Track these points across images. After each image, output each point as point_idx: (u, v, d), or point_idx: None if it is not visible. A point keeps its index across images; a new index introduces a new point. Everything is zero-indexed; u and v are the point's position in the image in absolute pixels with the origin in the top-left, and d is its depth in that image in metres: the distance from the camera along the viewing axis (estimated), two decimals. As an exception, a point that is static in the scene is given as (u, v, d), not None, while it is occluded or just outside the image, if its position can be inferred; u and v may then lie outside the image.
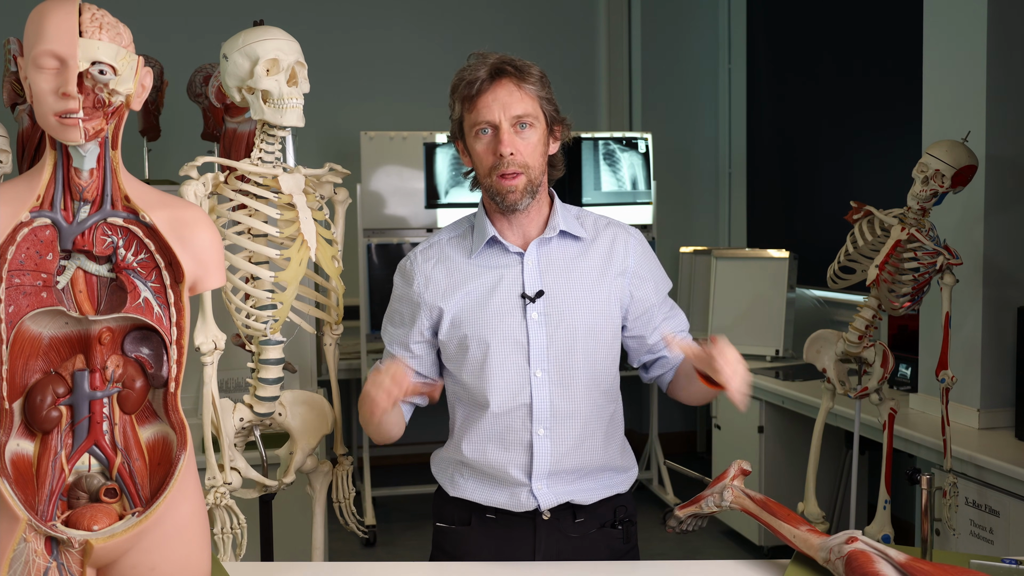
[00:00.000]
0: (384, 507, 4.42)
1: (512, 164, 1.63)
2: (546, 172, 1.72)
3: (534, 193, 1.67)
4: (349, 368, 4.32)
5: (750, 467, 1.65)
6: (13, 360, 1.22)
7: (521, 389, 1.67)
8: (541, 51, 5.37)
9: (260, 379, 1.91)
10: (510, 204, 1.65)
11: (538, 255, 1.71)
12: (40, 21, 1.17)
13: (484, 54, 1.66)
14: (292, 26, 1.99)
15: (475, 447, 1.70)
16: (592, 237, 1.74)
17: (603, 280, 1.71)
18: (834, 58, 4.46)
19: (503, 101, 1.63)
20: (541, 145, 1.67)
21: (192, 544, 1.30)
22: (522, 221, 1.71)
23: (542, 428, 1.67)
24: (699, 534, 3.93)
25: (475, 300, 1.69)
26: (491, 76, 1.64)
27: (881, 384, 2.51)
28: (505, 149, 1.62)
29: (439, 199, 4.29)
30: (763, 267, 4.12)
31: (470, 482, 1.72)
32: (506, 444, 1.68)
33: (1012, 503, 2.42)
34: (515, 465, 1.67)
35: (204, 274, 1.30)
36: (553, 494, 1.68)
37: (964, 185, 2.36)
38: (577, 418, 1.69)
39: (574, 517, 1.71)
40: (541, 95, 1.67)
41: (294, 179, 1.85)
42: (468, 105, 1.65)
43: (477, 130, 1.65)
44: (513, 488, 1.68)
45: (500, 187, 1.64)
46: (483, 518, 1.72)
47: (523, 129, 1.64)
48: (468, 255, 1.72)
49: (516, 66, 1.64)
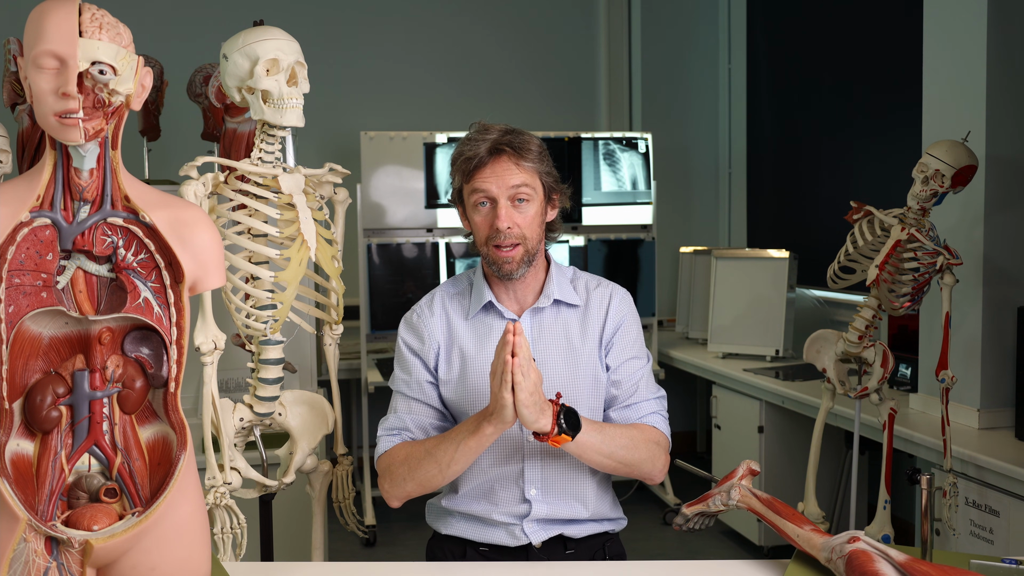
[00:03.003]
0: (384, 507, 4.42)
1: (509, 237, 1.67)
2: (543, 239, 1.76)
3: (531, 262, 1.72)
4: (349, 368, 4.32)
5: (759, 467, 1.66)
6: (13, 360, 1.22)
7: (514, 453, 1.71)
8: (541, 51, 5.38)
9: (260, 379, 1.91)
10: (506, 273, 1.70)
11: (531, 323, 1.75)
12: (40, 21, 1.17)
13: (486, 127, 1.70)
14: (292, 26, 1.99)
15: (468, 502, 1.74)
16: (584, 302, 1.78)
17: (591, 341, 1.74)
18: (834, 58, 4.46)
19: (501, 176, 1.66)
20: (539, 216, 1.71)
21: (192, 544, 1.30)
22: (518, 287, 1.76)
23: (534, 489, 1.71)
24: (699, 534, 3.93)
25: (472, 364, 1.73)
26: (490, 153, 1.67)
27: (881, 384, 2.51)
28: (502, 224, 1.66)
29: (439, 199, 4.29)
30: (763, 267, 4.12)
31: (462, 523, 1.76)
32: (498, 501, 1.73)
33: (1012, 503, 2.42)
34: (507, 514, 1.72)
35: (204, 274, 1.30)
36: (544, 531, 1.73)
37: (964, 185, 2.36)
38: (570, 482, 1.73)
39: (564, 548, 1.75)
40: (540, 169, 1.70)
41: (294, 179, 1.85)
42: (467, 178, 1.69)
43: (476, 202, 1.69)
44: (506, 527, 1.73)
45: (497, 257, 1.69)
46: (477, 550, 1.76)
47: (520, 203, 1.68)
48: (465, 316, 1.76)
49: (514, 145, 1.67)
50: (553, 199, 1.76)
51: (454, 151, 1.72)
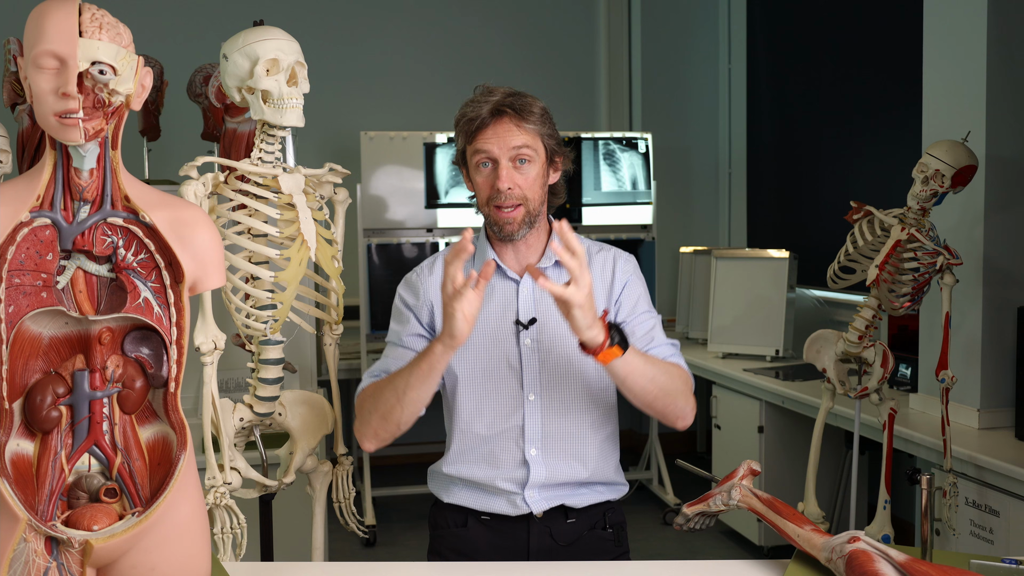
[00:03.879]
0: (384, 507, 4.42)
1: (510, 197, 1.68)
2: (546, 202, 1.77)
3: (532, 223, 1.72)
4: (349, 368, 4.32)
5: (759, 467, 1.66)
6: (13, 360, 1.22)
7: (514, 411, 1.72)
8: (541, 51, 5.38)
9: (260, 379, 1.91)
10: (508, 234, 1.71)
11: (533, 284, 1.75)
12: (40, 21, 1.17)
13: (490, 89, 1.71)
14: (292, 26, 1.99)
15: (468, 467, 1.75)
16: None
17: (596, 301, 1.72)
18: (834, 58, 4.46)
19: (503, 137, 1.67)
20: (540, 178, 1.72)
21: (192, 544, 1.30)
22: (520, 248, 1.76)
23: (534, 449, 1.72)
24: (699, 534, 3.93)
25: None
26: (492, 114, 1.68)
27: (881, 384, 2.51)
28: (503, 184, 1.67)
29: (439, 199, 4.29)
30: (763, 267, 4.12)
31: (464, 491, 1.77)
32: (498, 463, 1.73)
33: (1012, 503, 2.42)
34: (507, 480, 1.73)
35: (204, 274, 1.30)
36: (545, 500, 1.73)
37: (964, 185, 2.36)
38: (570, 439, 1.73)
39: (566, 517, 1.75)
40: (541, 131, 1.71)
41: (294, 179, 1.85)
42: (469, 139, 1.70)
43: (478, 162, 1.70)
44: (507, 496, 1.73)
45: (498, 218, 1.70)
46: (478, 519, 1.77)
47: (522, 164, 1.69)
48: None
49: (516, 107, 1.68)
50: (556, 162, 1.77)
51: (457, 113, 1.73)
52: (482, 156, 1.68)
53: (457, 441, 1.76)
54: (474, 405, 1.73)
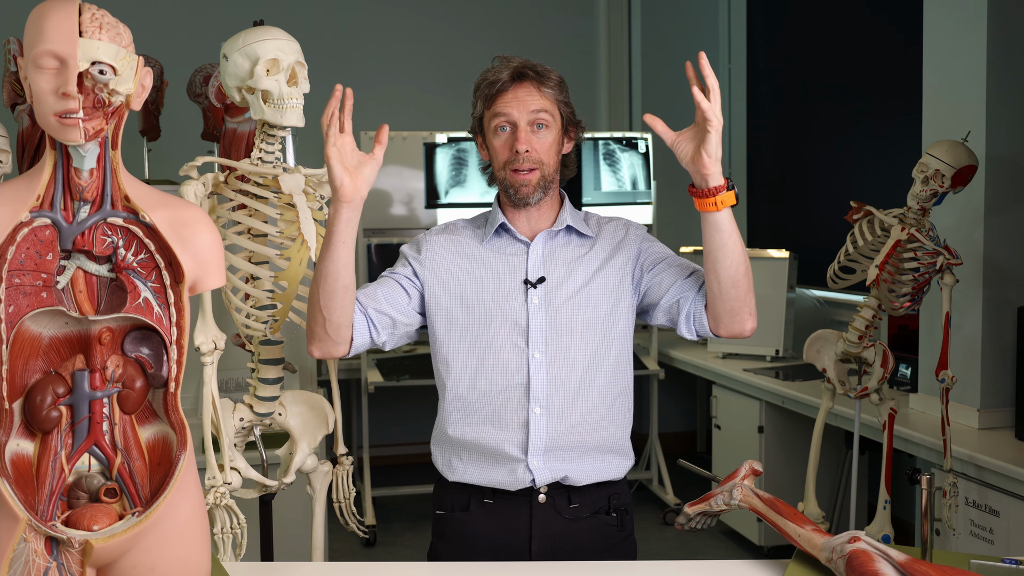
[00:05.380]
0: (384, 507, 4.42)
1: (527, 160, 1.72)
2: (559, 170, 1.81)
3: (546, 189, 1.76)
4: (349, 368, 4.32)
5: (761, 467, 1.66)
6: (13, 360, 1.22)
7: (519, 368, 1.72)
8: (541, 51, 5.37)
9: (260, 379, 1.91)
10: (523, 197, 1.74)
11: (543, 246, 1.78)
12: (40, 21, 1.17)
13: (507, 58, 1.77)
14: (292, 26, 1.99)
15: (474, 428, 1.74)
16: (596, 234, 1.82)
17: (605, 269, 1.77)
18: (834, 58, 4.46)
19: (522, 101, 1.72)
20: (556, 144, 1.77)
21: (192, 544, 1.30)
22: (533, 214, 1.79)
23: (538, 407, 1.71)
24: (699, 534, 3.94)
25: (480, 280, 1.76)
26: (512, 78, 1.73)
27: (881, 384, 2.52)
28: (521, 146, 1.71)
29: (439, 199, 4.29)
30: (763, 267, 4.12)
31: (467, 464, 1.75)
32: (502, 422, 1.72)
33: (1012, 503, 2.42)
34: (511, 442, 1.72)
35: (204, 274, 1.30)
36: (549, 470, 1.71)
37: (964, 185, 2.36)
38: (575, 398, 1.73)
39: (569, 501, 1.74)
40: (559, 98, 1.78)
41: (294, 179, 1.85)
42: (489, 103, 1.75)
43: (496, 126, 1.74)
44: (509, 465, 1.72)
45: (514, 180, 1.73)
46: (481, 502, 1.75)
47: (539, 129, 1.74)
48: (479, 241, 1.80)
49: (537, 71, 1.75)
50: (570, 131, 1.81)
51: (476, 79, 1.77)
52: (501, 120, 1.72)
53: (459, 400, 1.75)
54: (478, 361, 1.73)
